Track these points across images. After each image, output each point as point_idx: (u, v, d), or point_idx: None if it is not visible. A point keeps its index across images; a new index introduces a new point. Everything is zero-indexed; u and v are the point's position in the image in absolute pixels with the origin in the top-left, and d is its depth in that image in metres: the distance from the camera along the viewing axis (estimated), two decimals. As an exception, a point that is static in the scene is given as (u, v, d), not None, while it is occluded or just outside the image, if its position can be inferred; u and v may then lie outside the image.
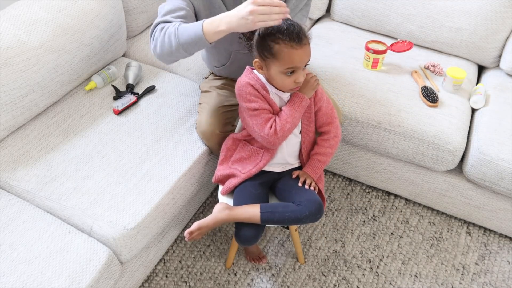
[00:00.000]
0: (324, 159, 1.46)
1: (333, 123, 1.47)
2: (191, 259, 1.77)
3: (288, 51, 1.22)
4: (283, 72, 1.26)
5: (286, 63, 1.24)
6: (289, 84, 1.29)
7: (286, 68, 1.25)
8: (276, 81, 1.30)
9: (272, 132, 1.33)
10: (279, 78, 1.28)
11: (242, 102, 1.36)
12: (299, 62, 1.24)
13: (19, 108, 1.54)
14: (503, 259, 1.82)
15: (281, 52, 1.22)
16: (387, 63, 1.96)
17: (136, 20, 2.03)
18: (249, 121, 1.36)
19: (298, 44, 1.22)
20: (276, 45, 1.22)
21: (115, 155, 1.54)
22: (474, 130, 1.76)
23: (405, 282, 1.73)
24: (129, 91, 1.78)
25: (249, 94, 1.34)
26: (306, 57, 1.25)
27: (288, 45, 1.21)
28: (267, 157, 1.44)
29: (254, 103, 1.33)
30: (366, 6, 2.10)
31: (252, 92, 1.33)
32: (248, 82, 1.34)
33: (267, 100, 1.34)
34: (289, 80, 1.27)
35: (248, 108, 1.34)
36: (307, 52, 1.25)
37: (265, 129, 1.33)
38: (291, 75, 1.26)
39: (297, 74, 1.26)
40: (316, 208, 1.35)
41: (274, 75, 1.28)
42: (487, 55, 1.99)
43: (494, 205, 1.77)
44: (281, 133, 1.33)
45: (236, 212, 1.37)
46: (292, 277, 1.72)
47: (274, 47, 1.23)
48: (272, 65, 1.26)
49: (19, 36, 1.51)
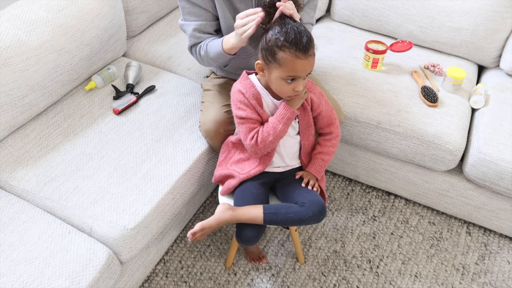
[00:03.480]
0: (327, 158, 1.46)
1: (334, 124, 1.47)
2: (191, 259, 1.77)
3: (292, 59, 1.21)
4: (284, 78, 1.25)
5: (288, 71, 1.23)
6: (287, 91, 1.28)
7: (287, 76, 1.24)
8: (275, 85, 1.29)
9: (253, 142, 1.34)
10: (279, 83, 1.27)
11: (233, 108, 1.38)
12: (301, 72, 1.24)
13: (19, 108, 1.54)
14: (503, 259, 1.82)
15: (285, 60, 1.21)
16: (387, 63, 1.96)
17: (136, 20, 2.03)
18: (237, 127, 1.39)
19: (304, 55, 1.21)
20: (282, 52, 1.21)
21: (115, 155, 1.54)
22: (474, 130, 1.76)
23: (405, 282, 1.73)
24: (129, 91, 1.78)
25: (239, 102, 1.35)
26: (309, 67, 1.24)
27: (294, 54, 1.20)
28: (266, 161, 1.44)
29: (242, 111, 1.34)
30: (366, 6, 2.10)
31: (242, 100, 1.34)
32: (239, 90, 1.35)
33: (256, 110, 1.35)
34: (288, 87, 1.26)
35: (236, 115, 1.36)
36: (311, 63, 1.24)
37: (247, 139, 1.35)
38: (291, 82, 1.25)
39: (297, 82, 1.26)
40: (319, 210, 1.35)
41: (274, 79, 1.27)
42: (487, 55, 1.99)
43: (494, 205, 1.77)
44: (262, 144, 1.34)
45: (238, 213, 1.37)
46: (292, 277, 1.72)
47: (279, 54, 1.22)
48: (274, 70, 1.25)
49: (19, 36, 1.51)
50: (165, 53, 2.02)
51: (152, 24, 2.18)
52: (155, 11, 2.12)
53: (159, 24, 2.18)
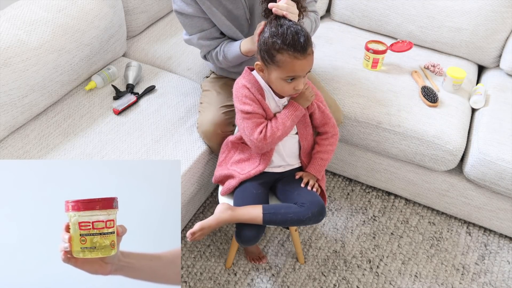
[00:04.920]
0: (326, 156, 1.46)
1: (329, 123, 1.47)
2: (191, 259, 1.77)
3: (291, 61, 1.21)
4: (284, 79, 1.25)
5: (287, 72, 1.24)
6: (288, 90, 1.29)
7: (286, 76, 1.25)
8: (276, 85, 1.30)
9: (261, 137, 1.33)
10: (279, 83, 1.28)
11: (237, 103, 1.36)
12: (301, 71, 1.24)
13: (19, 108, 1.54)
14: (503, 259, 1.82)
15: (284, 61, 1.22)
16: (387, 63, 1.96)
17: (136, 20, 2.03)
18: (241, 123, 1.37)
19: (302, 55, 1.21)
20: (280, 54, 1.21)
21: (115, 155, 1.54)
22: (474, 130, 1.76)
23: (405, 282, 1.73)
24: (129, 91, 1.78)
25: (244, 96, 1.34)
26: (308, 66, 1.25)
27: (292, 55, 1.21)
28: (266, 160, 1.44)
29: (248, 106, 1.33)
30: (366, 6, 2.10)
31: (248, 95, 1.34)
32: (244, 85, 1.35)
33: (261, 104, 1.34)
34: (289, 86, 1.27)
35: (242, 110, 1.35)
36: (309, 62, 1.25)
37: (255, 133, 1.33)
38: (291, 82, 1.26)
39: (297, 81, 1.26)
40: (319, 210, 1.35)
41: (274, 80, 1.28)
42: (487, 55, 1.99)
43: (494, 205, 1.77)
44: (270, 139, 1.33)
45: (238, 213, 1.37)
46: (292, 277, 1.72)
47: (277, 56, 1.22)
48: (274, 71, 1.26)
49: (19, 36, 1.51)
50: (165, 53, 2.03)
51: (152, 24, 2.18)
52: (155, 11, 2.12)
53: (159, 24, 2.18)
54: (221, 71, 1.70)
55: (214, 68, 1.73)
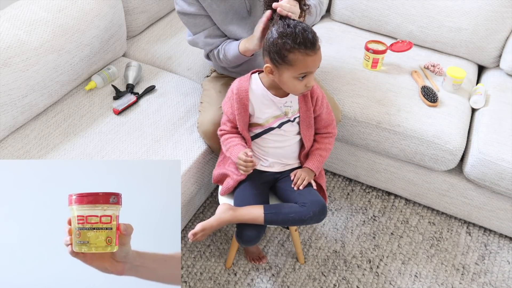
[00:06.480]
0: (324, 154, 1.48)
1: (332, 124, 1.49)
2: (191, 259, 1.77)
3: (303, 58, 1.22)
4: (296, 77, 1.26)
5: (300, 69, 1.25)
6: (300, 88, 1.29)
7: (299, 74, 1.25)
8: (288, 85, 1.30)
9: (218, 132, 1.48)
10: (291, 82, 1.28)
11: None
12: (313, 67, 1.26)
13: (19, 108, 1.54)
14: (503, 259, 1.82)
15: (296, 60, 1.23)
16: (387, 63, 1.96)
17: (136, 20, 2.03)
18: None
19: (313, 51, 1.23)
20: (292, 54, 1.22)
21: (115, 155, 1.54)
22: (474, 130, 1.76)
23: (405, 282, 1.73)
24: (129, 91, 1.78)
25: (228, 98, 1.43)
26: (319, 61, 1.27)
27: (304, 53, 1.22)
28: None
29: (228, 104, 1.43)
30: (366, 6, 2.10)
31: (230, 96, 1.41)
32: (234, 87, 1.40)
33: (242, 108, 1.39)
34: (301, 84, 1.28)
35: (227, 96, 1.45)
36: (320, 57, 1.27)
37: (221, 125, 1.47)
38: (303, 79, 1.27)
39: (309, 78, 1.28)
40: (320, 209, 1.36)
41: (286, 80, 1.28)
42: (487, 55, 1.99)
43: (494, 205, 1.77)
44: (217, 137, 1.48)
45: (239, 213, 1.37)
46: (292, 277, 1.72)
47: (289, 56, 1.23)
48: (286, 71, 1.26)
49: (19, 36, 1.51)
50: (165, 53, 2.03)
51: (152, 24, 2.18)
52: (155, 11, 2.12)
53: (159, 24, 2.18)
54: (222, 70, 1.71)
55: (216, 67, 1.73)
